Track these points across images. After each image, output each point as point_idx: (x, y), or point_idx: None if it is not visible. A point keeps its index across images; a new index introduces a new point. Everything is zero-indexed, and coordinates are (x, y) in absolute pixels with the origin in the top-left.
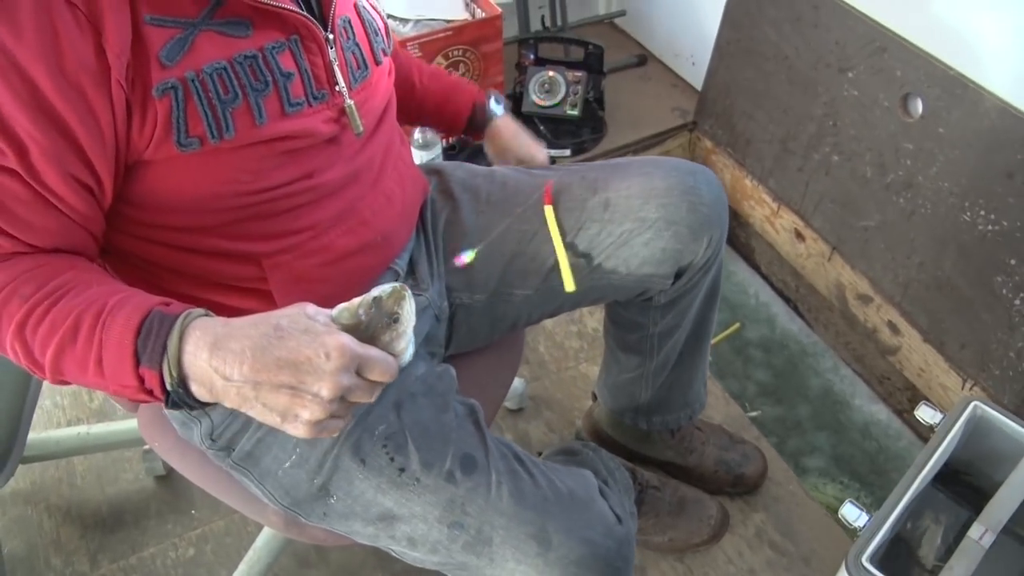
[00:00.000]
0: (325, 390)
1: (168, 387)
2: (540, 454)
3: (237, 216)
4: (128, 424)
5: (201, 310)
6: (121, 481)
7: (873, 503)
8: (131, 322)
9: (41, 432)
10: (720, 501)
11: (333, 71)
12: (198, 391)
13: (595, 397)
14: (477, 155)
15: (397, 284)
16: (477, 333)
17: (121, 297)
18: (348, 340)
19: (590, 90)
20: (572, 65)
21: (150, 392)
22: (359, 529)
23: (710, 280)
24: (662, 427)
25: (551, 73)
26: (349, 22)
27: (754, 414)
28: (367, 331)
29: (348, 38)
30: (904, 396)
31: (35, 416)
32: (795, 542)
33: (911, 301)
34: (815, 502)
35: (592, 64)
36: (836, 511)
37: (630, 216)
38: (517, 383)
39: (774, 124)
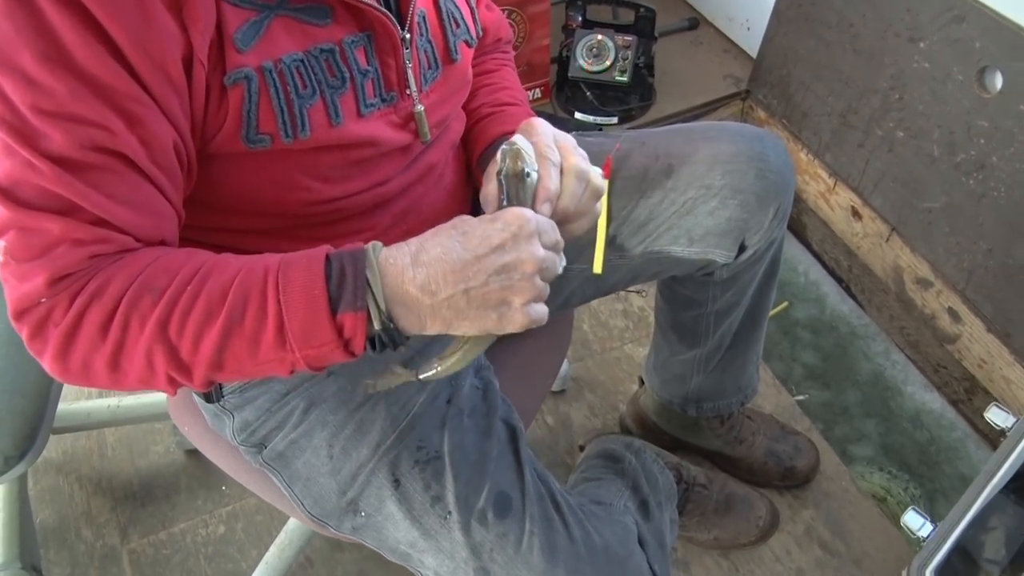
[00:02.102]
0: (528, 264)
1: (377, 324)
2: (582, 448)
3: (300, 223)
4: (158, 397)
5: (377, 243)
6: (152, 454)
7: (923, 495)
8: (314, 271)
9: (72, 403)
10: (769, 498)
11: (405, 73)
12: (407, 321)
13: (641, 382)
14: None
15: (503, 146)
16: None
17: (281, 257)
18: (519, 209)
19: (640, 55)
20: (621, 28)
21: (346, 345)
22: (389, 547)
23: (772, 255)
24: (712, 413)
25: (599, 37)
26: (424, 16)
27: (800, 398)
28: (511, 203)
29: (421, 34)
30: (961, 387)
31: (65, 387)
32: (846, 542)
33: (975, 288)
34: (868, 500)
35: (643, 28)
36: (883, 499)
37: (694, 183)
38: None
39: (834, 96)
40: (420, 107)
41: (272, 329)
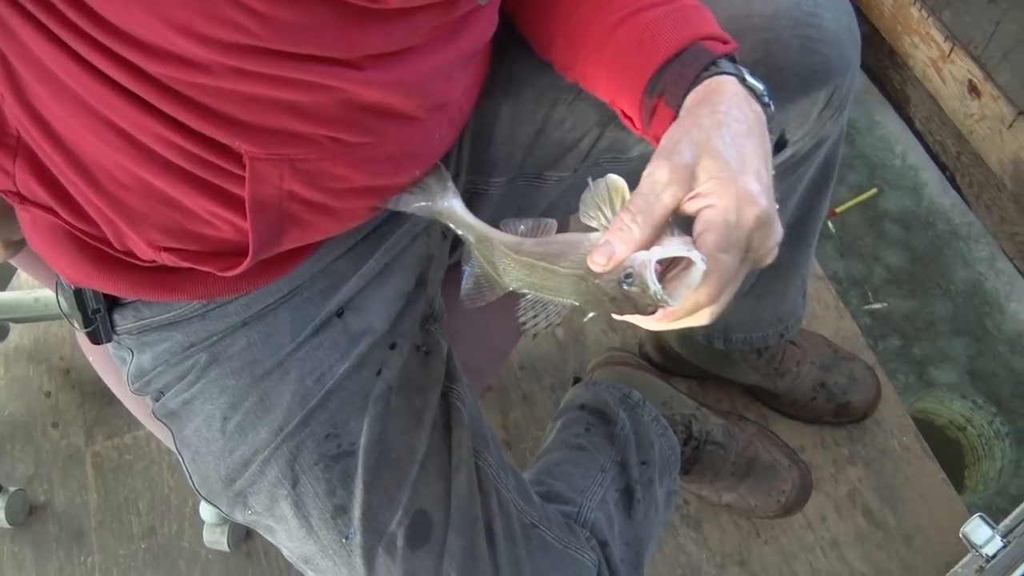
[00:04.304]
0: None
1: None
2: (576, 380)
3: (223, 83)
4: None
5: None
6: None
7: (1011, 435)
8: None
9: (28, 292)
10: (803, 468)
11: None
12: None
13: None
14: None
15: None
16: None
17: None
18: None
19: None
20: None
21: None
22: (286, 552)
23: (824, 155)
24: (745, 346)
25: None
26: None
27: (877, 307)
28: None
29: None
30: None
31: (22, 275)
32: (897, 513)
33: None
34: (932, 462)
35: None
36: (961, 428)
37: None
38: None
39: None
40: None
41: None
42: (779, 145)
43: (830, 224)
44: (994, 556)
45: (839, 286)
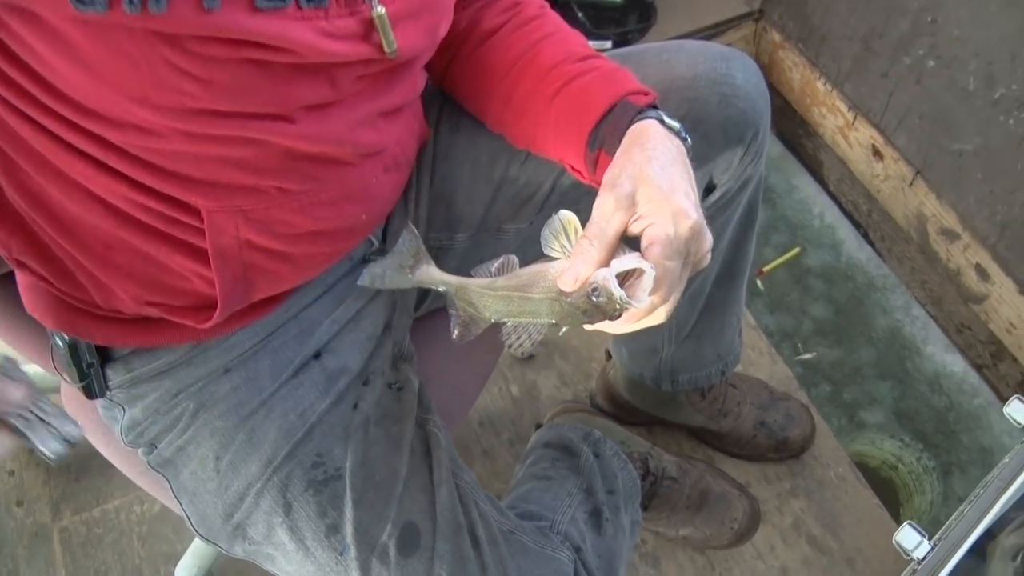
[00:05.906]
0: None
1: None
2: (538, 426)
3: (176, 146)
4: None
5: None
6: None
7: (937, 468)
8: None
9: None
10: (752, 497)
11: None
12: None
13: (609, 355)
14: None
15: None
16: None
17: None
18: None
19: None
20: None
21: None
22: None
23: (748, 198)
24: (690, 386)
25: None
26: None
27: (807, 356)
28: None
29: None
30: (986, 350)
31: None
32: (839, 538)
33: (1008, 245)
34: (867, 490)
35: None
36: (893, 468)
37: None
38: None
39: (857, 17)
40: (381, 10)
41: None
42: (708, 189)
43: (759, 283)
44: (924, 559)
45: (771, 339)
